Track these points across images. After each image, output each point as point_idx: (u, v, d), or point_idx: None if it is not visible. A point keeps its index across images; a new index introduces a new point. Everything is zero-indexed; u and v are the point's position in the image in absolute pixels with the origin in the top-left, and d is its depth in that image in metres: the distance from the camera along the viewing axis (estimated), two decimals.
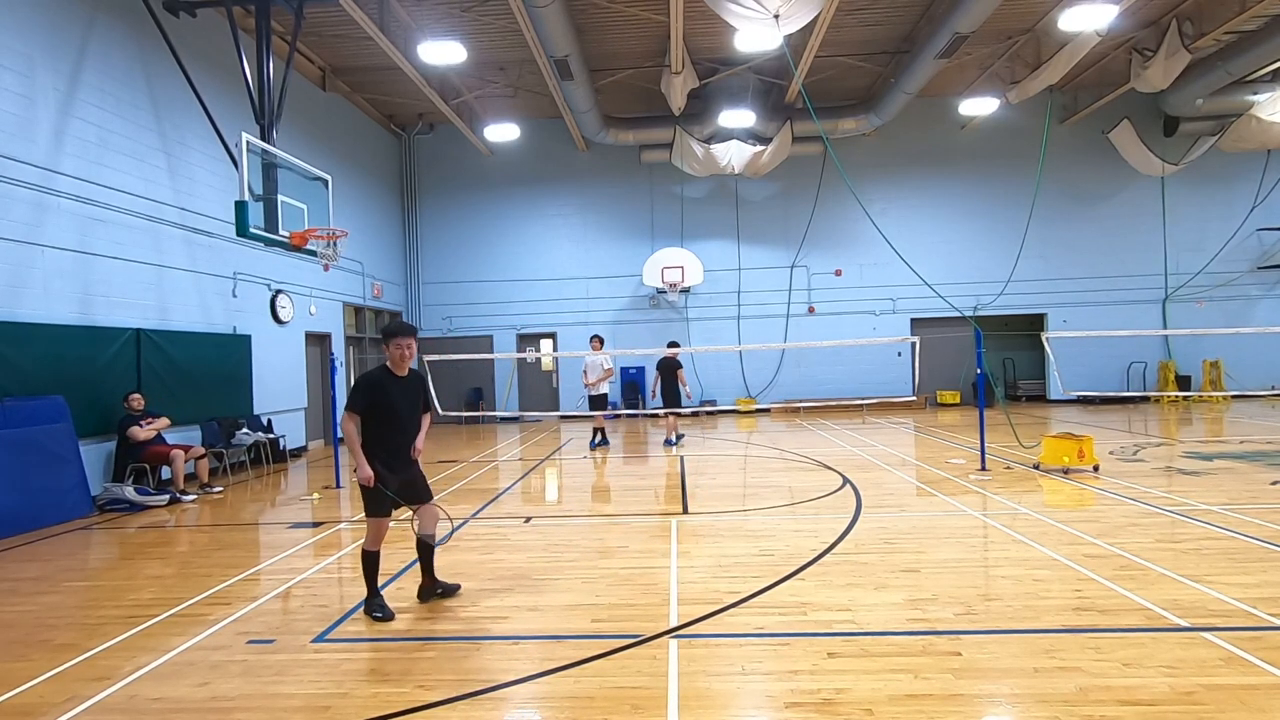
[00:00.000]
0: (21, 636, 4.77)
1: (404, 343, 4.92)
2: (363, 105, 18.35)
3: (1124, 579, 5.09)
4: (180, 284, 11.45)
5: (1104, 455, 10.24)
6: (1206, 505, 7.26)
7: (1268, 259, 19.56)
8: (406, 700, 3.66)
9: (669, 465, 11.41)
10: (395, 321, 5.04)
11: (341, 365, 16.05)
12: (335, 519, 8.13)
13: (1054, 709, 3.37)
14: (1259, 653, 3.86)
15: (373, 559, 4.93)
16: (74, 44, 9.66)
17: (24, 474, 8.04)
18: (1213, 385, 19.08)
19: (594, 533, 7.07)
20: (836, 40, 15.65)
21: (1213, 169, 19.32)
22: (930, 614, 4.57)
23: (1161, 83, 16.10)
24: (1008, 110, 18.69)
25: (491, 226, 20.80)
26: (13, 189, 8.62)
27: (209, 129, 10.68)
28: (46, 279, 9.04)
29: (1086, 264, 19.95)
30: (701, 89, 17.30)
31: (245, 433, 11.99)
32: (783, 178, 20.11)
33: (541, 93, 17.28)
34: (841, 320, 20.10)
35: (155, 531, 7.90)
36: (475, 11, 14.00)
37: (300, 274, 14.77)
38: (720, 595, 5.03)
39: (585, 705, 3.56)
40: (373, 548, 4.93)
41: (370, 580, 4.92)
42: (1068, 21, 13.53)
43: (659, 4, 13.64)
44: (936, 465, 10.34)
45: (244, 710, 3.62)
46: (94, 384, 9.54)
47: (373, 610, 4.85)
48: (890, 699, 3.51)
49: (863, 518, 7.25)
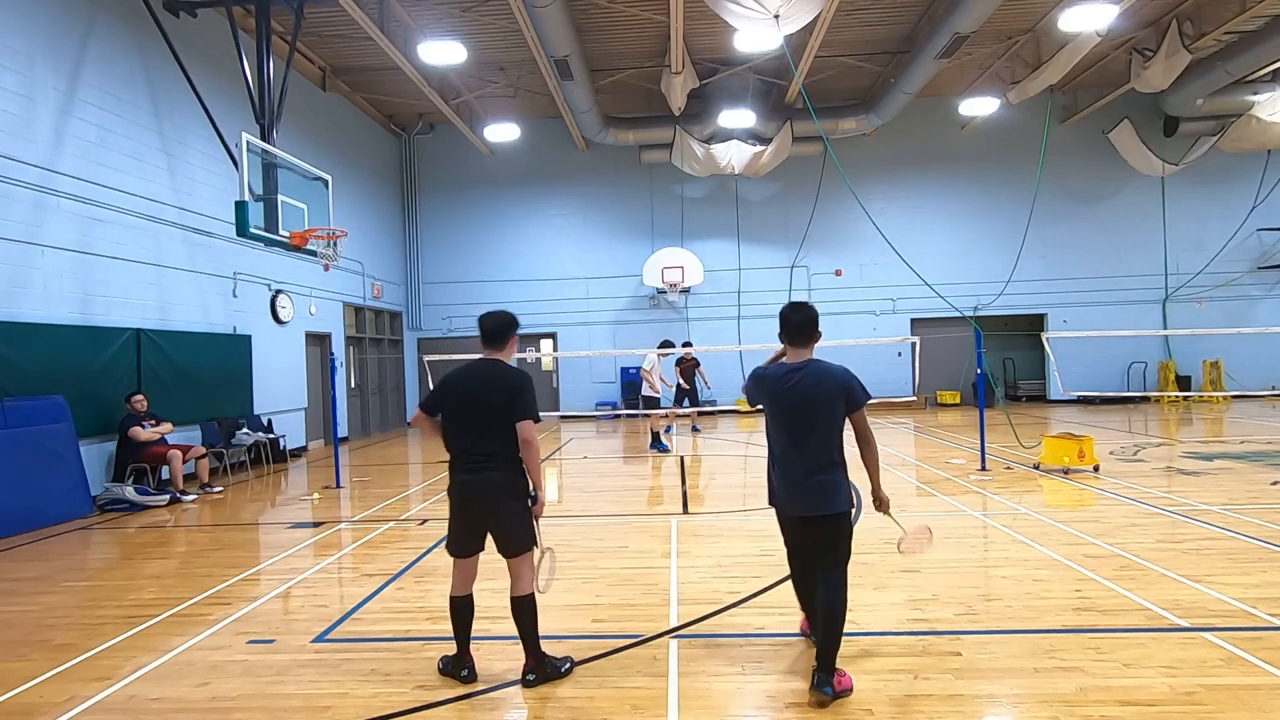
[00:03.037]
0: (21, 636, 4.76)
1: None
2: (363, 105, 18.34)
3: (1124, 579, 5.09)
4: (180, 284, 11.44)
5: (1104, 455, 10.23)
6: (1207, 505, 7.26)
7: (1268, 259, 19.55)
8: (406, 700, 3.66)
9: (669, 465, 11.41)
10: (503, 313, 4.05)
11: (341, 365, 16.05)
12: (335, 519, 8.13)
13: (1054, 709, 3.37)
14: (1259, 653, 3.86)
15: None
16: (74, 44, 9.66)
17: (24, 474, 8.04)
18: (1213, 385, 19.08)
19: (594, 533, 7.07)
20: (836, 40, 15.65)
21: (1213, 169, 19.31)
22: (930, 614, 4.57)
23: (1161, 83, 16.09)
24: (1008, 110, 18.68)
25: (491, 226, 20.80)
26: (13, 189, 8.61)
27: (209, 129, 10.67)
28: (46, 279, 9.04)
29: (1086, 264, 19.94)
30: (701, 89, 17.29)
31: (245, 433, 11.99)
32: (783, 178, 20.10)
33: (541, 93, 17.27)
34: (841, 320, 20.06)
35: (155, 531, 7.90)
36: (475, 11, 14.00)
37: (300, 274, 14.77)
38: (720, 595, 5.03)
39: (585, 705, 3.56)
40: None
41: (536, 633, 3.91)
42: (1068, 22, 13.52)
43: (659, 4, 13.64)
44: (936, 465, 10.34)
45: (244, 710, 3.62)
46: (94, 384, 9.53)
47: (562, 665, 3.93)
48: (890, 699, 3.51)
49: (863, 518, 7.25)
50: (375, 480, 10.85)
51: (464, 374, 3.92)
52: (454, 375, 3.95)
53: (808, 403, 3.73)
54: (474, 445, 3.81)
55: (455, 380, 3.91)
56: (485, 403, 3.81)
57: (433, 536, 7.03)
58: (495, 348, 3.96)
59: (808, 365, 3.82)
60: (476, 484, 3.79)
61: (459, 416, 3.86)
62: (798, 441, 3.75)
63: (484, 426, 3.80)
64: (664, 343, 14.06)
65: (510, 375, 3.89)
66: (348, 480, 10.79)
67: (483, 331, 3.99)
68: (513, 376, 3.88)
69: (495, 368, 3.91)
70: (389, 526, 7.60)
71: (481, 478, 3.78)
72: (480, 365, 3.93)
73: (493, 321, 3.98)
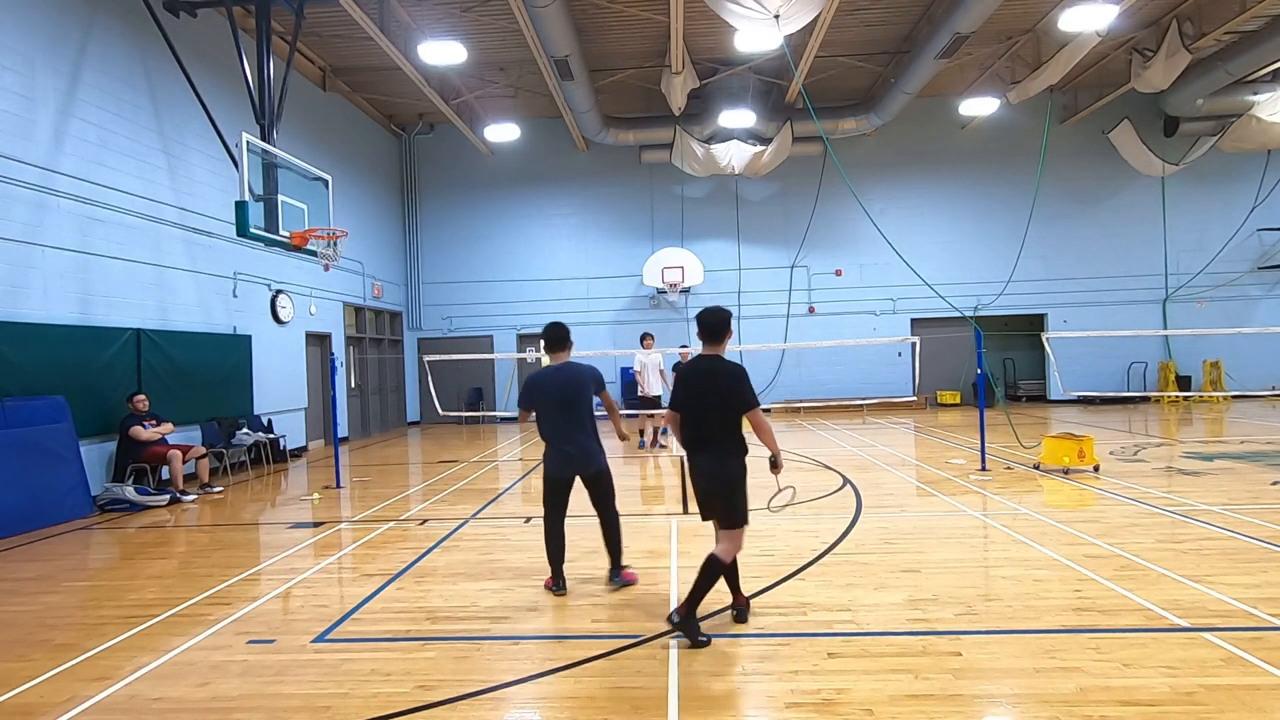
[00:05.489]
0: (22, 636, 4.76)
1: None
2: (363, 105, 18.35)
3: (1124, 579, 5.09)
4: (180, 284, 11.44)
5: (1104, 455, 10.23)
6: (1207, 505, 7.26)
7: (1268, 259, 19.55)
8: (406, 700, 3.66)
9: (668, 465, 11.41)
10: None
11: (341, 365, 16.05)
12: (335, 519, 8.12)
13: (1054, 709, 3.37)
14: (1259, 653, 3.86)
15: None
16: (74, 44, 9.66)
17: (24, 474, 8.04)
18: (1213, 385, 19.08)
19: (594, 533, 7.06)
20: (836, 40, 15.65)
21: (1213, 169, 19.31)
22: (930, 614, 4.57)
23: (1161, 83, 16.09)
24: (1008, 110, 18.68)
25: (491, 226, 20.80)
26: (13, 189, 8.61)
27: (209, 129, 10.67)
28: (46, 279, 9.04)
29: (1086, 264, 19.93)
30: (701, 89, 17.29)
31: (245, 433, 11.99)
32: (783, 178, 20.10)
33: (541, 93, 17.27)
34: (842, 320, 20.09)
35: (155, 531, 7.90)
36: (475, 11, 14.00)
37: (300, 274, 14.77)
38: (720, 595, 5.02)
39: (585, 705, 3.56)
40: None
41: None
42: (1068, 22, 13.53)
43: (659, 4, 13.64)
44: (937, 465, 10.34)
45: (244, 710, 3.62)
46: (94, 384, 9.53)
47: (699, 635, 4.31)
48: (890, 699, 3.51)
49: (863, 518, 7.25)
50: (375, 480, 10.85)
51: (694, 369, 4.63)
52: (689, 371, 4.67)
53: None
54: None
55: (689, 374, 4.64)
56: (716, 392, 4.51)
57: (433, 536, 7.03)
58: (715, 343, 4.59)
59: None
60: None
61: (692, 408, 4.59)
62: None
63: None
64: (644, 335, 13.29)
65: (728, 366, 4.54)
66: (348, 480, 10.79)
67: (702, 327, 4.59)
68: (731, 367, 4.54)
69: (713, 364, 4.55)
70: (389, 526, 7.60)
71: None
72: (705, 360, 4.58)
73: (713, 318, 4.56)
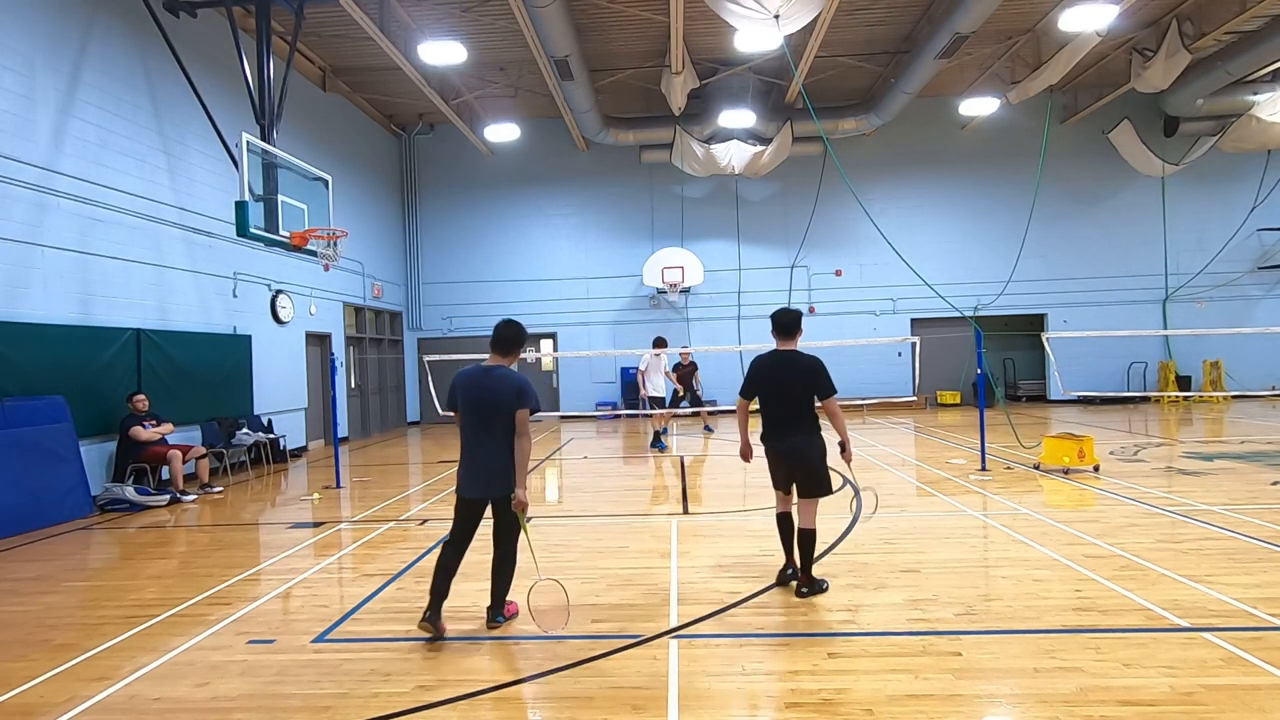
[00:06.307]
0: (22, 636, 4.77)
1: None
2: (363, 105, 18.35)
3: (1124, 579, 5.09)
4: (180, 284, 11.44)
5: (1104, 455, 10.23)
6: (1207, 505, 7.26)
7: (1268, 259, 19.55)
8: (406, 700, 3.66)
9: (669, 465, 11.41)
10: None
11: (341, 365, 16.05)
12: (335, 519, 8.12)
13: (1054, 709, 3.37)
14: (1259, 653, 3.86)
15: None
16: (74, 44, 9.66)
17: (24, 474, 8.04)
18: (1213, 385, 19.08)
19: (594, 533, 7.07)
20: (836, 40, 15.65)
21: (1213, 169, 19.31)
22: (930, 614, 4.57)
23: (1161, 83, 16.09)
24: (1008, 110, 18.68)
25: (491, 226, 20.80)
26: (13, 189, 8.61)
27: (209, 129, 10.67)
28: (46, 279, 9.04)
29: (1086, 264, 19.94)
30: (701, 89, 17.29)
31: (245, 433, 11.99)
32: (783, 178, 20.10)
33: (541, 93, 17.27)
34: (842, 320, 20.09)
35: (155, 531, 7.90)
36: (475, 11, 14.00)
37: (300, 274, 14.77)
38: (720, 595, 5.03)
39: (585, 705, 3.56)
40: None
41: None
42: (1068, 22, 13.53)
43: (659, 4, 13.64)
44: (937, 465, 10.34)
45: (244, 710, 3.62)
46: (94, 384, 9.53)
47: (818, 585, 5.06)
48: (890, 699, 3.51)
49: (863, 518, 7.25)
50: (375, 480, 10.85)
51: (773, 361, 5.14)
52: (769, 362, 5.15)
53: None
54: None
55: (769, 365, 5.15)
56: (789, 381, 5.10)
57: (433, 536, 7.03)
58: (788, 338, 5.16)
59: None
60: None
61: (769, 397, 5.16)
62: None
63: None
64: (657, 340, 13.39)
65: (808, 359, 5.08)
66: (348, 480, 10.79)
67: (776, 325, 5.18)
68: (811, 359, 5.08)
69: (791, 357, 5.11)
70: (389, 526, 7.61)
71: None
72: (782, 354, 5.13)
73: (786, 316, 5.17)
